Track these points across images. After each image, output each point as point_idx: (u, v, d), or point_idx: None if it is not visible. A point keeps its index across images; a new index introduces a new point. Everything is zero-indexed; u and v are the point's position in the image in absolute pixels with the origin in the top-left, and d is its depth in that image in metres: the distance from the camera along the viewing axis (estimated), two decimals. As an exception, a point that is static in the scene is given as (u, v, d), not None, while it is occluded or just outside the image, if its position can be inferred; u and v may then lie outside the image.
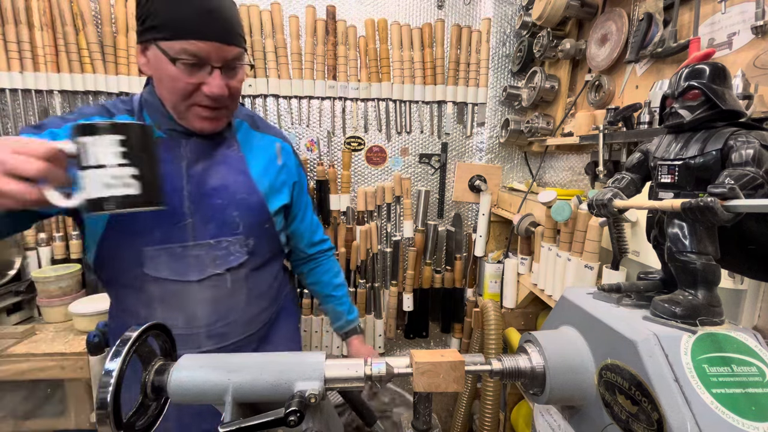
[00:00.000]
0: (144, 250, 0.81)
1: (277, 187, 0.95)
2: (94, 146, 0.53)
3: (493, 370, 0.51)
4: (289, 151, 1.01)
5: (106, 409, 0.42)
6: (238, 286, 0.88)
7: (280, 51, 1.68)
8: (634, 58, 1.13)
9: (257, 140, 0.95)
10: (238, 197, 0.86)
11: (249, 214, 0.88)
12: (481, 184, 1.82)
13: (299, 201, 1.04)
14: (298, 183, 1.02)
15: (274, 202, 0.93)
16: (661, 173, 0.51)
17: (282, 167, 0.97)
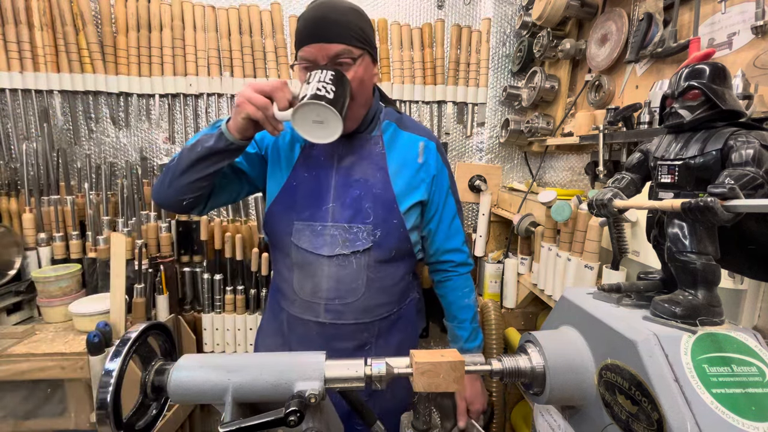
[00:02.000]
0: (294, 223, 0.97)
1: (414, 184, 0.98)
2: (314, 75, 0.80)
3: (493, 370, 0.51)
4: (432, 149, 1.02)
5: (106, 409, 0.42)
6: (360, 271, 0.95)
7: (280, 51, 1.68)
8: (634, 58, 1.13)
9: (403, 140, 1.00)
10: (374, 191, 0.95)
11: (380, 207, 0.95)
12: (481, 184, 1.82)
13: (436, 199, 1.03)
14: (437, 180, 1.01)
15: (407, 199, 0.97)
16: (661, 173, 0.51)
17: (422, 165, 1.00)
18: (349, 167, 0.97)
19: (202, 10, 1.63)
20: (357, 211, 0.95)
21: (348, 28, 0.85)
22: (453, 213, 1.06)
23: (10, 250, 1.56)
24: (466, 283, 1.09)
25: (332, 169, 0.97)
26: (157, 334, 0.52)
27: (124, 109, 1.71)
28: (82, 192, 1.67)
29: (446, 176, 1.04)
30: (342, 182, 0.96)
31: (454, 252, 1.07)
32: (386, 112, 1.02)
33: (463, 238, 1.08)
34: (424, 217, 1.03)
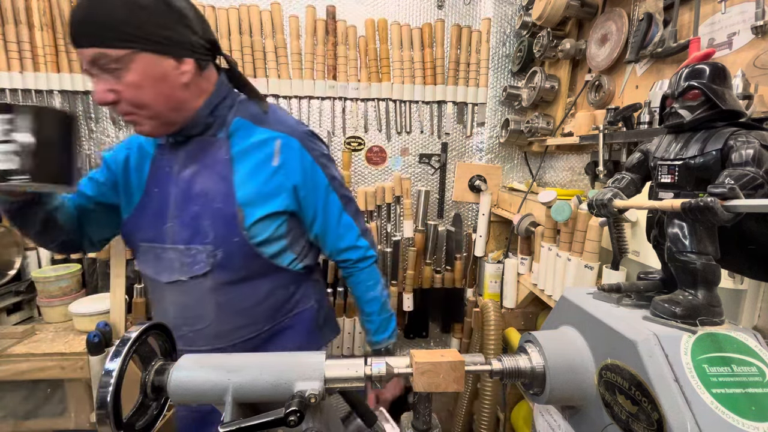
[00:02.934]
0: (140, 245, 0.90)
1: (268, 191, 0.86)
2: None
3: (493, 370, 0.51)
4: (294, 147, 0.88)
5: (106, 409, 0.42)
6: (204, 296, 0.86)
7: (280, 51, 1.68)
8: (634, 58, 1.13)
9: (256, 139, 0.87)
10: (214, 206, 0.83)
11: (220, 224, 0.83)
12: (481, 184, 1.82)
13: (312, 203, 0.92)
14: (305, 183, 0.89)
15: (258, 209, 0.85)
16: (661, 173, 0.51)
17: (278, 168, 0.86)
18: (190, 179, 0.85)
19: (202, 10, 1.63)
20: (195, 231, 0.84)
21: (101, 26, 0.69)
22: (338, 210, 0.96)
23: (10, 250, 1.56)
24: (369, 276, 1.02)
25: (170, 182, 0.87)
26: (157, 334, 0.52)
27: (124, 109, 1.71)
28: (82, 192, 1.67)
29: (321, 174, 0.91)
30: (181, 197, 0.85)
31: (349, 250, 0.99)
32: (240, 107, 0.90)
33: (357, 232, 0.99)
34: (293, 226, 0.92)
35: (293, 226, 0.92)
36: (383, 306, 1.04)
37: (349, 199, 0.99)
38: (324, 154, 0.94)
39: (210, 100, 0.85)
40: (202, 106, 0.84)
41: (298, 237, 0.95)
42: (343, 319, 1.83)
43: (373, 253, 1.03)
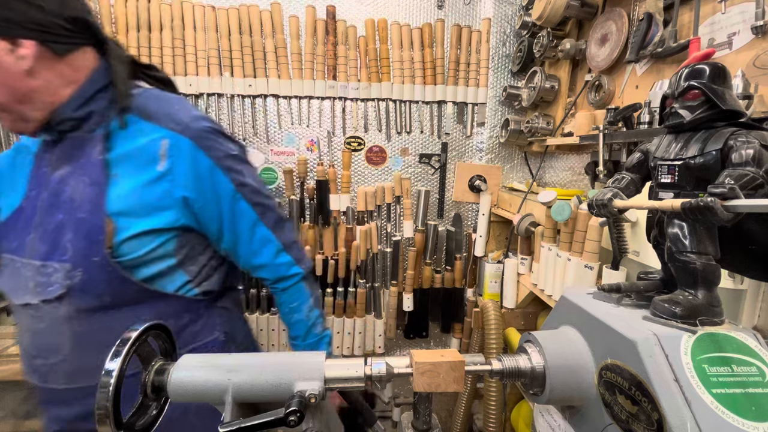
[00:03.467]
0: (3, 257, 0.77)
1: (149, 203, 0.72)
2: None
3: (493, 370, 0.51)
4: (183, 148, 0.73)
5: (106, 409, 0.42)
6: (59, 324, 0.73)
7: (280, 51, 1.68)
8: (634, 58, 1.13)
9: (142, 136, 0.73)
10: (78, 216, 0.70)
11: (81, 238, 0.69)
12: (481, 184, 1.82)
13: (213, 216, 0.77)
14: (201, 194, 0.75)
15: (135, 223, 0.71)
16: (661, 173, 0.51)
17: (163, 174, 0.72)
18: (60, 182, 0.72)
19: (202, 10, 1.63)
20: (54, 245, 0.70)
21: None
22: (251, 222, 0.81)
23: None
24: (293, 297, 0.88)
25: (41, 186, 0.74)
26: (157, 334, 0.52)
27: (124, 109, 1.71)
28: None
29: (224, 181, 0.77)
30: (48, 203, 0.72)
31: (264, 268, 0.85)
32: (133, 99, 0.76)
33: (277, 247, 0.85)
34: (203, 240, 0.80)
35: (187, 242, 0.78)
36: (309, 330, 0.90)
37: (266, 207, 0.84)
38: (232, 156, 0.79)
39: (80, 92, 0.72)
40: (69, 99, 0.71)
41: (194, 256, 0.80)
42: (342, 319, 1.83)
43: (297, 271, 0.88)
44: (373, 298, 1.87)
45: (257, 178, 0.84)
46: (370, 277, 1.86)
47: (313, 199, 1.78)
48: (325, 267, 1.79)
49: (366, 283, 1.85)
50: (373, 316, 1.88)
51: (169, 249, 0.76)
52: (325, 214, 1.77)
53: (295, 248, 0.89)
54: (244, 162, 0.82)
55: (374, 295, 1.87)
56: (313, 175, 1.79)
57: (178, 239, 0.76)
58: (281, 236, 0.86)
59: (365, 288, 1.85)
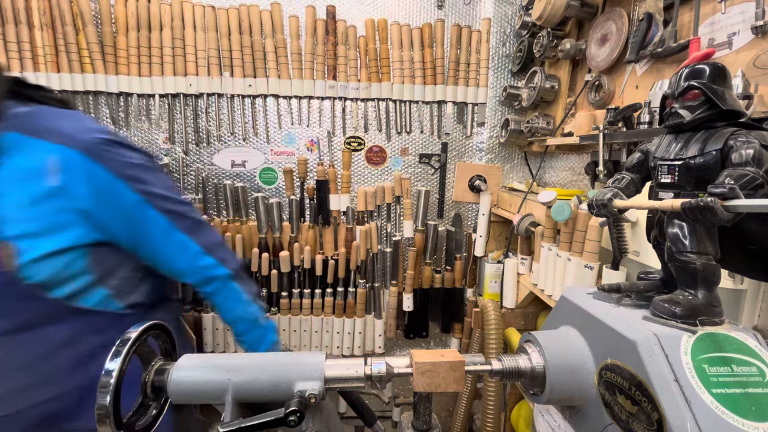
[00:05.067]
0: None
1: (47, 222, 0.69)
2: None
3: (493, 370, 0.51)
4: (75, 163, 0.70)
5: (105, 409, 0.42)
6: None
7: (280, 51, 1.68)
8: (634, 58, 1.13)
9: (28, 154, 0.70)
10: None
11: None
12: (481, 184, 1.82)
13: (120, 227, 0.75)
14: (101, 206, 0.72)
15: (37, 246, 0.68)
16: (661, 173, 0.51)
17: (56, 192, 0.69)
18: None
19: (202, 10, 1.63)
20: None
21: None
22: (164, 229, 0.79)
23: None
24: (225, 297, 0.87)
25: None
26: (157, 334, 0.52)
27: (124, 109, 1.71)
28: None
29: (126, 191, 0.74)
30: None
31: (188, 273, 0.84)
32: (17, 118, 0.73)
33: (196, 250, 0.83)
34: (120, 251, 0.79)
35: (102, 257, 0.76)
36: (252, 325, 0.89)
37: (179, 213, 0.82)
38: (134, 164, 0.76)
39: None
40: None
41: (113, 269, 0.78)
42: (342, 319, 1.83)
43: (222, 272, 0.85)
44: (373, 298, 1.87)
45: (167, 185, 0.83)
46: (370, 277, 1.86)
47: (313, 199, 1.78)
48: (325, 267, 1.79)
49: (366, 283, 1.85)
50: (373, 316, 1.88)
51: (82, 266, 0.73)
52: (325, 214, 1.77)
53: (219, 249, 0.87)
54: (150, 169, 0.80)
55: (374, 295, 1.87)
56: (313, 175, 1.79)
57: (91, 255, 0.74)
58: (200, 239, 0.84)
59: (365, 288, 1.85)
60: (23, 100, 0.77)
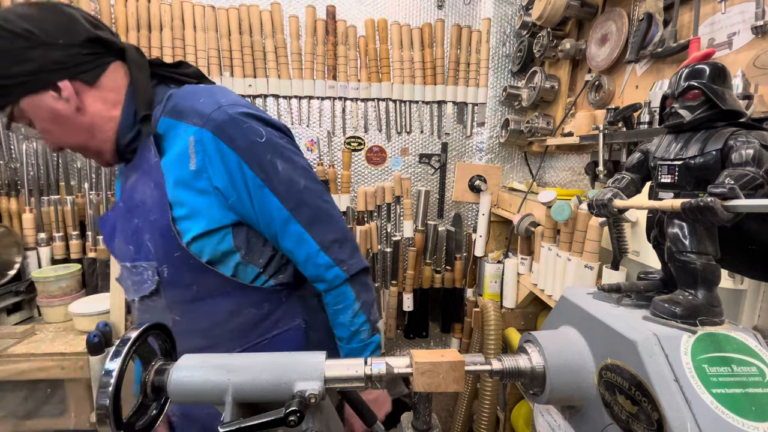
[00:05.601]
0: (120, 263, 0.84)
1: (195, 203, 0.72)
2: None
3: (493, 370, 0.51)
4: (207, 142, 0.70)
5: (106, 409, 0.42)
6: (161, 315, 0.79)
7: (280, 51, 1.68)
8: (634, 58, 1.13)
9: (178, 136, 0.73)
10: (151, 217, 0.73)
11: (158, 238, 0.73)
12: (481, 184, 1.82)
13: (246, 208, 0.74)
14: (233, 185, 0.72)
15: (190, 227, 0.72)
16: (661, 173, 0.51)
17: (198, 173, 0.71)
18: (131, 188, 0.77)
19: (202, 10, 1.63)
20: (138, 247, 0.75)
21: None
22: (283, 216, 0.76)
23: (10, 250, 1.56)
24: (336, 300, 0.83)
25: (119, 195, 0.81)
26: (157, 334, 0.52)
27: (124, 109, 1.71)
28: (82, 192, 1.67)
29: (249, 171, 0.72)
30: (125, 209, 0.78)
31: (307, 265, 0.81)
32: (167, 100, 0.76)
33: (315, 248, 0.79)
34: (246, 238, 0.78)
35: (244, 237, 0.77)
36: (353, 335, 0.84)
37: (301, 202, 0.77)
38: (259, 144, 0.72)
39: (125, 113, 0.75)
40: (121, 118, 0.74)
41: (257, 249, 0.80)
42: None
43: (337, 274, 0.80)
44: (373, 298, 1.87)
45: (296, 166, 0.77)
46: (370, 277, 1.86)
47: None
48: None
49: (366, 283, 1.85)
50: (373, 316, 1.88)
51: (229, 246, 0.76)
52: (325, 214, 1.77)
53: (336, 248, 0.80)
54: (277, 148, 0.75)
55: (374, 295, 1.87)
56: (313, 175, 1.79)
57: (235, 236, 0.76)
58: (318, 234, 0.78)
59: (365, 288, 1.85)
60: (166, 81, 0.80)
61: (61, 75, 0.67)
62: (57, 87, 0.67)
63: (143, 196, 0.74)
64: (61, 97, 0.68)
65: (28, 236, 1.59)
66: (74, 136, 0.72)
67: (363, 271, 0.85)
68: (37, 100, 0.67)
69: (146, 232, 0.74)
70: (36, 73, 0.65)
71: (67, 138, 0.73)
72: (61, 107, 0.68)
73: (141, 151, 0.77)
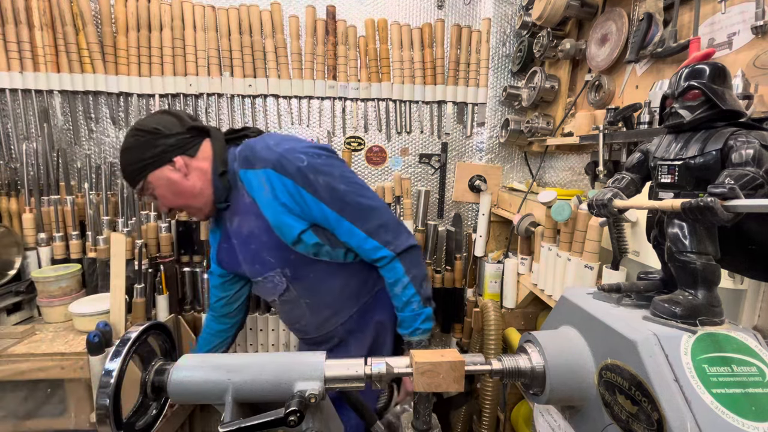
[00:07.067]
0: None
1: (284, 217, 1.00)
2: None
3: (493, 370, 0.51)
4: (271, 176, 0.99)
5: (106, 409, 0.42)
6: (295, 304, 1.09)
7: (280, 51, 1.68)
8: (634, 58, 1.13)
9: (255, 180, 1.02)
10: (263, 239, 1.02)
11: (275, 250, 1.01)
12: (481, 184, 1.82)
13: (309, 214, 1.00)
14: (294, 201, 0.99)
15: (288, 232, 1.00)
16: (661, 173, 0.51)
17: (274, 199, 1.00)
18: (238, 227, 1.07)
19: (202, 10, 1.63)
20: (262, 264, 1.05)
21: (126, 174, 1.01)
22: (334, 218, 1.00)
23: (10, 250, 1.56)
24: (388, 275, 1.05)
25: (229, 236, 1.11)
26: (157, 334, 0.52)
27: (124, 109, 1.71)
28: (82, 192, 1.67)
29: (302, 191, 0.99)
30: (240, 242, 1.08)
31: (361, 252, 1.05)
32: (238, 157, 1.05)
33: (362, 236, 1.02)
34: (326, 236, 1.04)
35: (322, 233, 1.03)
36: (405, 305, 1.05)
37: (345, 203, 1.01)
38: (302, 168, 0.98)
39: (214, 171, 1.04)
40: (213, 180, 1.03)
41: (335, 240, 1.04)
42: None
43: (384, 253, 1.03)
44: (373, 298, 1.87)
45: (333, 176, 1.01)
46: (370, 277, 1.86)
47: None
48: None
49: (366, 283, 1.85)
50: (373, 316, 1.88)
51: (316, 240, 1.02)
52: (325, 214, 1.78)
53: (381, 232, 1.03)
54: (315, 167, 0.99)
55: (374, 295, 1.87)
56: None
57: (316, 233, 1.02)
58: (363, 225, 1.01)
59: (365, 288, 1.85)
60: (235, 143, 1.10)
61: (175, 153, 1.00)
62: (173, 162, 1.00)
63: (250, 228, 1.04)
64: (175, 168, 1.00)
65: (28, 236, 1.59)
66: (182, 196, 1.02)
67: (410, 249, 1.05)
68: (159, 173, 0.99)
69: (264, 251, 1.04)
70: (160, 155, 0.98)
71: (177, 200, 1.03)
72: (175, 176, 1.00)
73: (234, 199, 1.07)
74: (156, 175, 0.99)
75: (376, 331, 1.13)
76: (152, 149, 0.98)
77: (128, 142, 0.99)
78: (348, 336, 1.12)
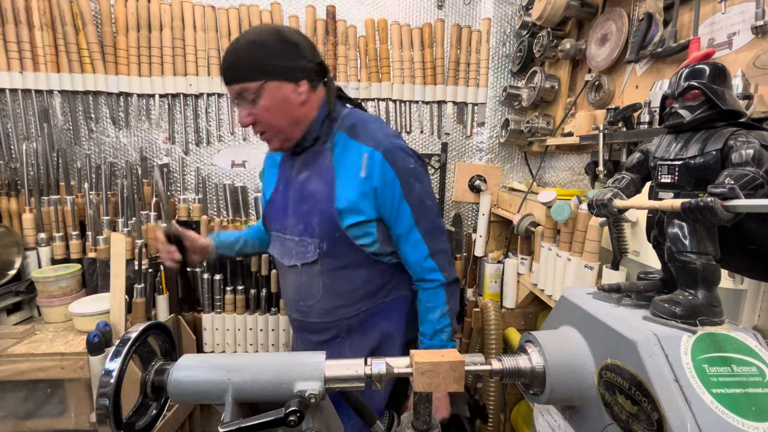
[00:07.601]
0: (271, 233, 1.11)
1: (356, 201, 0.96)
2: None
3: (493, 370, 0.51)
4: (377, 159, 0.96)
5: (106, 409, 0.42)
6: (315, 278, 1.03)
7: (280, 51, 1.68)
8: (634, 58, 1.13)
9: (352, 151, 0.99)
10: (320, 207, 0.99)
11: (324, 222, 0.98)
12: (481, 184, 1.82)
13: (387, 211, 0.98)
14: (383, 191, 0.96)
15: (350, 216, 0.97)
16: (661, 173, 0.51)
17: (365, 180, 0.96)
18: (304, 182, 1.03)
19: (202, 10, 1.63)
20: (306, 226, 1.01)
21: (240, 68, 0.91)
22: (409, 224, 0.99)
23: (10, 250, 1.56)
24: (430, 298, 1.03)
25: (290, 184, 1.06)
26: (157, 334, 0.52)
27: (124, 109, 1.71)
28: (82, 192, 1.67)
29: (397, 185, 0.97)
30: (297, 197, 1.04)
31: (415, 266, 1.02)
32: (343, 120, 1.02)
33: (426, 252, 1.01)
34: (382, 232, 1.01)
35: (382, 229, 1.01)
36: (435, 334, 1.03)
37: (425, 217, 1.00)
38: (409, 169, 0.98)
39: (319, 114, 1.00)
40: (313, 120, 1.00)
41: (388, 238, 1.03)
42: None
43: (437, 277, 1.02)
44: (373, 298, 1.87)
45: (426, 190, 1.03)
46: (370, 277, 1.86)
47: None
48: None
49: (366, 283, 1.85)
50: (373, 316, 1.88)
51: (371, 233, 1.00)
52: (325, 214, 1.78)
53: (441, 256, 1.03)
54: (419, 175, 1.01)
55: (374, 295, 1.87)
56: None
57: (377, 227, 1.00)
58: (431, 243, 1.01)
59: (365, 288, 1.85)
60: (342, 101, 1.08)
61: (303, 77, 0.95)
62: (298, 83, 0.95)
63: (314, 190, 1.00)
64: (297, 90, 0.95)
65: (28, 236, 1.59)
66: (285, 119, 0.96)
67: (456, 281, 1.06)
68: (279, 86, 0.92)
69: (314, 216, 0.99)
70: (291, 70, 0.93)
71: (278, 120, 0.96)
72: (294, 97, 0.95)
73: (315, 155, 1.02)
74: (275, 86, 0.92)
75: (380, 341, 1.07)
76: (286, 60, 0.92)
77: (264, 39, 0.91)
78: (347, 334, 1.07)
